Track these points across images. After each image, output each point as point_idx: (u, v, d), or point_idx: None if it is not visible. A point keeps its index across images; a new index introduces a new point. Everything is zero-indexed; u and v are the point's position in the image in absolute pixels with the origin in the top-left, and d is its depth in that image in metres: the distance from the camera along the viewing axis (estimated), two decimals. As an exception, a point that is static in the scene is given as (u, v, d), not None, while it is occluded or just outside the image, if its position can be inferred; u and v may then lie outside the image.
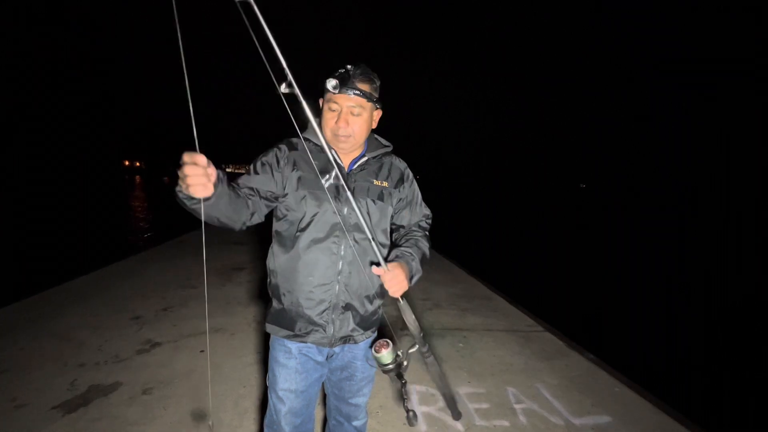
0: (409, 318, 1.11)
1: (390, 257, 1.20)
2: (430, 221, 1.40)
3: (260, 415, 2.07)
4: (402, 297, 1.10)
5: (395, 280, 1.07)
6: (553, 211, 29.98)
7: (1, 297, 3.58)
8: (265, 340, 2.97)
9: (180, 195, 0.93)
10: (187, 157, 0.85)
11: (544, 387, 2.50)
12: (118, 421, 1.97)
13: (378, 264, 1.06)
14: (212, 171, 0.89)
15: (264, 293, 4.10)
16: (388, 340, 1.11)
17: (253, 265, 5.12)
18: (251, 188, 1.16)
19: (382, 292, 1.29)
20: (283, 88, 0.93)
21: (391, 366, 1.10)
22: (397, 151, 1.37)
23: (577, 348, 3.10)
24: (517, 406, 2.28)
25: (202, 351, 2.74)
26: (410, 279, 1.15)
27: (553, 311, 4.48)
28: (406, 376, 1.16)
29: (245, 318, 3.37)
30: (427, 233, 1.36)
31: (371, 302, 1.26)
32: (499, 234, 15.53)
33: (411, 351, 1.14)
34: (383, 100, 1.24)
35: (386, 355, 1.09)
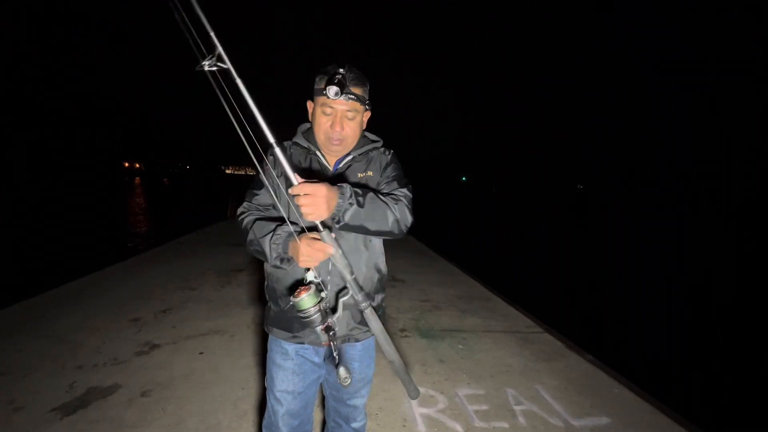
0: (336, 252, 1.00)
1: None
2: (406, 195, 1.19)
3: (259, 417, 2.07)
4: (326, 226, 1.00)
5: (309, 198, 0.94)
6: (552, 212, 29.99)
7: (0, 299, 3.57)
8: (263, 341, 2.96)
9: (275, 246, 1.06)
10: (328, 248, 0.98)
11: (544, 388, 2.50)
12: (116, 423, 1.97)
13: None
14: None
15: (263, 294, 4.08)
16: (312, 285, 1.00)
17: (253, 267, 5.11)
18: (267, 206, 1.22)
19: (381, 289, 1.29)
20: (208, 65, 0.86)
21: (312, 312, 0.97)
22: (393, 150, 1.35)
23: (577, 349, 3.10)
24: (516, 408, 2.28)
25: (201, 353, 2.74)
26: (342, 211, 1.00)
27: (553, 312, 4.47)
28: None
29: (244, 320, 3.37)
30: (398, 201, 1.13)
31: (372, 299, 1.25)
32: (498, 235, 15.53)
33: (343, 299, 1.05)
34: (372, 100, 1.25)
35: (306, 299, 0.97)
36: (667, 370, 4.13)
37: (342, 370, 1.01)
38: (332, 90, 1.05)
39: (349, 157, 1.23)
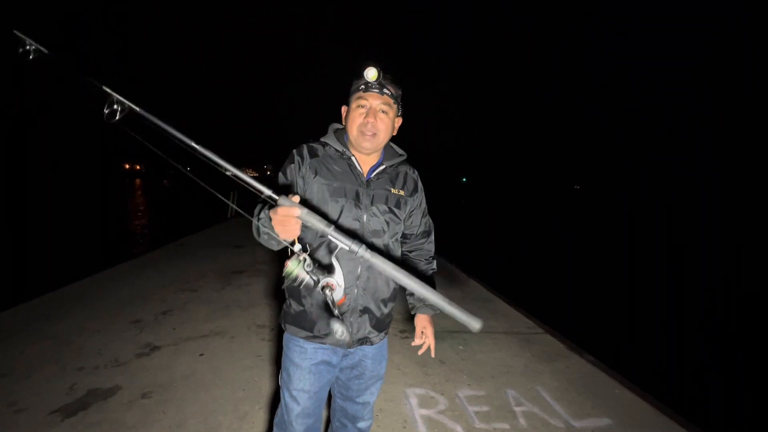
0: (301, 211, 0.90)
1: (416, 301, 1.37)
2: (432, 238, 1.45)
3: (261, 418, 2.07)
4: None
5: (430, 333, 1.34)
6: (551, 212, 29.99)
7: (1, 301, 3.57)
8: (264, 343, 2.97)
9: (265, 230, 1.01)
10: (290, 210, 0.88)
11: (544, 389, 2.50)
12: (117, 425, 1.97)
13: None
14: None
15: (264, 295, 4.10)
16: (294, 254, 0.93)
17: (253, 268, 5.11)
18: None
19: (395, 296, 1.33)
20: (110, 114, 0.90)
21: (303, 275, 0.92)
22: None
23: (577, 350, 3.10)
24: (517, 409, 2.28)
25: (201, 354, 2.74)
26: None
27: (553, 313, 4.47)
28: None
29: (245, 321, 3.37)
30: (434, 261, 1.44)
31: (386, 306, 1.30)
32: (499, 235, 15.54)
33: (335, 252, 0.94)
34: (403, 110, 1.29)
35: (290, 265, 0.91)
36: (667, 370, 4.13)
37: (337, 325, 0.88)
38: (370, 72, 1.12)
39: (382, 168, 1.28)
